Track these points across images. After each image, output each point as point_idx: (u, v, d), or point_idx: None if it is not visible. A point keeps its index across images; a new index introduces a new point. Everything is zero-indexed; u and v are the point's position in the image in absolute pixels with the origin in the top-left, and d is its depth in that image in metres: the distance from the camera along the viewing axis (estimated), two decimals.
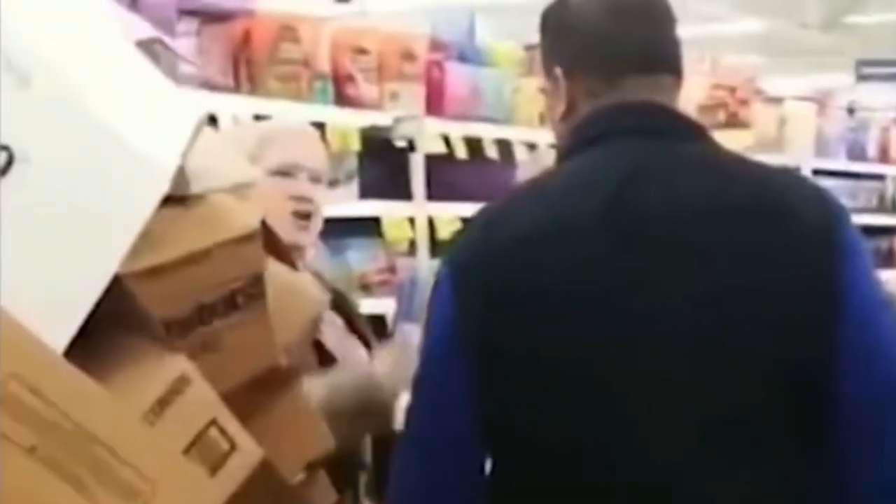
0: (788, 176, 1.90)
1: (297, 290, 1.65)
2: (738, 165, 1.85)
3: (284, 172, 2.57)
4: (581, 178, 1.82)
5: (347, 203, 4.09)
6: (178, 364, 1.33)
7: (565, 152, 1.90)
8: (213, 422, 1.36)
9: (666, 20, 1.91)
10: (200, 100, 3.03)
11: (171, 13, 3.52)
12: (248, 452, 1.39)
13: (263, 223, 1.54)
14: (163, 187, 1.28)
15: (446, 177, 4.58)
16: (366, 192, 4.22)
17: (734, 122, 6.65)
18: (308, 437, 1.68)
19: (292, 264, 1.66)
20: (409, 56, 4.51)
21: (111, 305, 1.35)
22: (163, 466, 1.30)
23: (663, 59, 1.89)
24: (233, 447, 1.38)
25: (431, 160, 4.53)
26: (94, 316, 1.31)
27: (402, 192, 4.34)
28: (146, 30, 1.50)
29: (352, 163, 4.22)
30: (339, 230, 3.87)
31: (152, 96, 1.33)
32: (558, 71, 1.89)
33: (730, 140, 6.41)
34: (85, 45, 1.29)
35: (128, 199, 1.26)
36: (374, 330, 2.69)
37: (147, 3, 3.52)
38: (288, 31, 3.84)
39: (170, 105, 1.35)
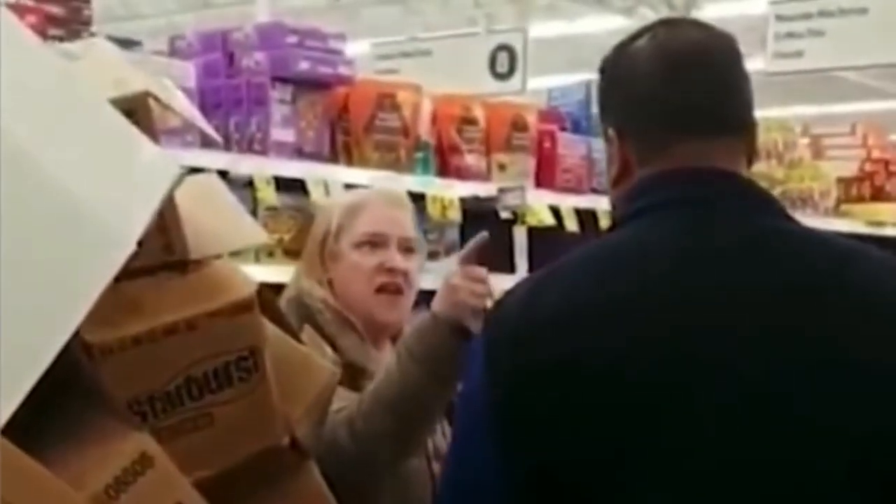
0: (867, 252, 1.69)
1: (303, 362, 1.54)
2: (814, 242, 1.64)
3: (372, 243, 2.42)
4: (629, 254, 1.64)
5: None
6: (139, 442, 1.23)
7: (617, 222, 1.74)
8: None
9: (732, 74, 1.70)
10: (185, 158, 2.93)
11: (265, 79, 3.48)
12: None
13: (261, 292, 1.44)
14: (123, 254, 1.18)
15: (555, 250, 4.44)
16: None
17: (879, 196, 6.41)
18: None
19: (296, 335, 1.55)
20: (519, 126, 4.41)
21: (75, 377, 1.27)
22: None
23: (726, 118, 1.68)
24: None
25: (539, 232, 4.40)
26: (56, 387, 1.22)
27: (505, 265, 4.22)
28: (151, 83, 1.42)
29: (453, 234, 4.12)
30: None
31: (122, 157, 1.25)
32: (611, 131, 1.73)
33: (871, 213, 6.16)
34: (45, 105, 1.21)
35: (83, 266, 1.16)
36: None
37: (241, 68, 3.51)
38: (386, 99, 3.78)
39: (142, 167, 1.26)
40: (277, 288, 2.47)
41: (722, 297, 1.57)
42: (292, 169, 3.55)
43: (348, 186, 3.47)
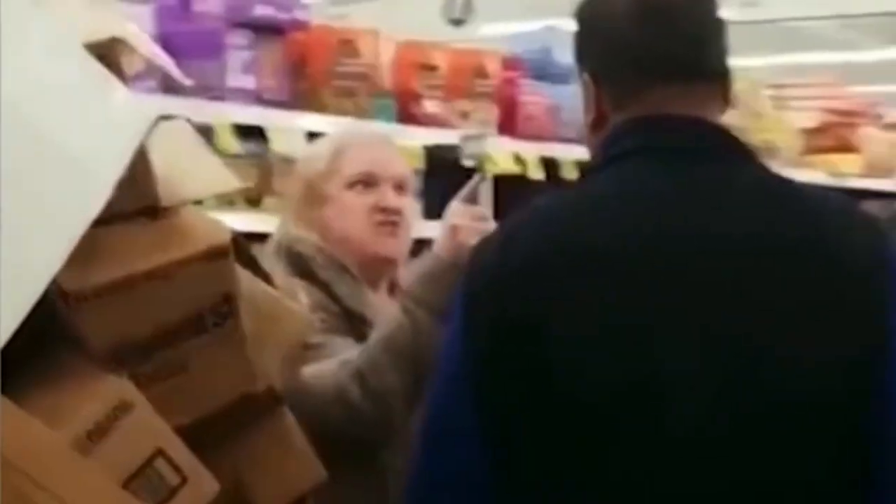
0: (841, 203, 1.70)
1: (279, 310, 1.53)
2: (787, 191, 1.65)
3: (365, 182, 2.38)
4: (604, 202, 1.63)
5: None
6: (118, 387, 1.22)
7: (592, 168, 1.73)
8: (160, 452, 1.25)
9: (707, 21, 1.70)
10: (157, 103, 2.90)
11: (222, 24, 3.43)
12: (200, 486, 1.28)
13: (235, 239, 1.43)
14: (101, 199, 1.16)
15: (521, 199, 4.42)
16: (430, 213, 4.09)
17: (843, 147, 6.43)
18: (295, 471, 1.56)
19: (269, 281, 1.54)
20: (481, 73, 4.37)
21: (54, 323, 1.25)
22: (98, 500, 1.18)
23: (700, 64, 1.67)
24: (183, 480, 1.26)
25: (503, 181, 4.38)
26: (35, 334, 1.21)
27: None
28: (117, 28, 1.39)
29: (416, 183, 4.09)
30: None
31: (98, 102, 1.23)
32: (586, 77, 1.72)
33: (833, 164, 6.17)
34: (21, 50, 1.18)
35: (62, 212, 1.15)
36: None
37: (197, 13, 3.45)
38: (346, 45, 3.73)
39: (118, 111, 1.24)
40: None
41: (694, 245, 1.58)
42: (252, 116, 3.50)
43: (310, 134, 3.43)
